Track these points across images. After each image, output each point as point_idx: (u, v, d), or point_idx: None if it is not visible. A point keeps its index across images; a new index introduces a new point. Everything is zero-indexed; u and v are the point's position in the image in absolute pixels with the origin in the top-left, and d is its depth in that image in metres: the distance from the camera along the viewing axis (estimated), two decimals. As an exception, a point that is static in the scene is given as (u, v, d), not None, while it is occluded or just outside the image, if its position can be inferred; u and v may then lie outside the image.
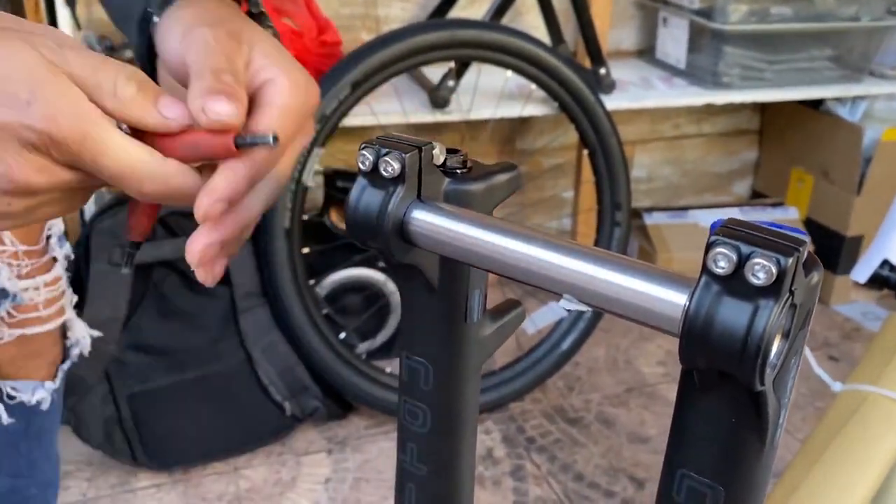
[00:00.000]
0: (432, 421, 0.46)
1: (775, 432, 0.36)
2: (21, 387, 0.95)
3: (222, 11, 0.49)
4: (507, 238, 0.37)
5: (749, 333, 0.30)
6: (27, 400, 0.95)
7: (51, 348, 0.96)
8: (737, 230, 0.31)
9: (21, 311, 0.90)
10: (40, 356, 0.95)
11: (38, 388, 0.95)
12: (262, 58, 0.46)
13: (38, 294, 0.90)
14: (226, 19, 0.47)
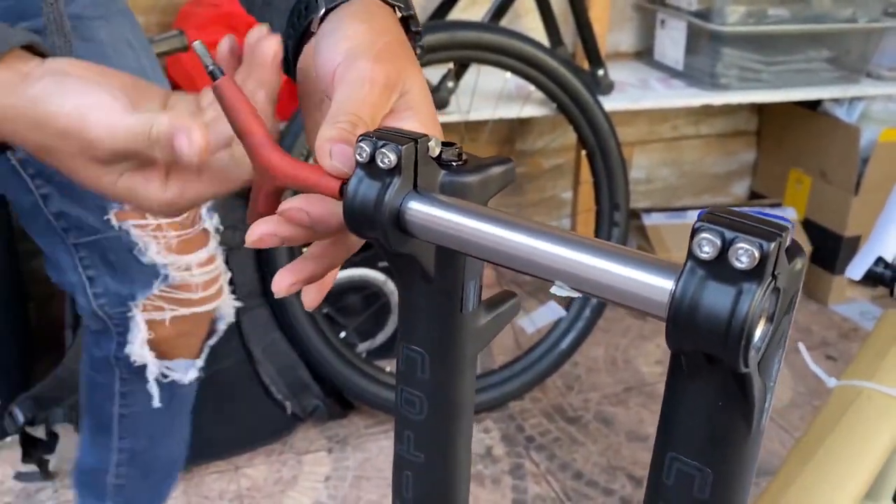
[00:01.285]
0: (429, 409, 0.47)
1: (761, 415, 0.36)
2: (175, 366, 0.96)
3: (391, 38, 0.48)
4: (500, 227, 0.38)
5: (733, 316, 0.31)
6: (179, 379, 0.97)
7: (202, 327, 0.97)
8: (721, 217, 0.32)
9: (177, 290, 0.89)
10: (194, 335, 0.96)
11: (190, 367, 0.98)
12: (409, 106, 0.47)
13: (192, 275, 0.89)
14: (392, 51, 0.47)
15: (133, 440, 1.02)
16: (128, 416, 1.00)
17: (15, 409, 1.36)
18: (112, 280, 0.88)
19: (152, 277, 0.87)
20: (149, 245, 0.85)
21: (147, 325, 0.90)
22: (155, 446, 1.05)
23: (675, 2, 1.96)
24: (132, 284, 0.88)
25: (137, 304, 0.89)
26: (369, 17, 0.49)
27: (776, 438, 1.68)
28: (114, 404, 0.99)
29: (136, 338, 0.91)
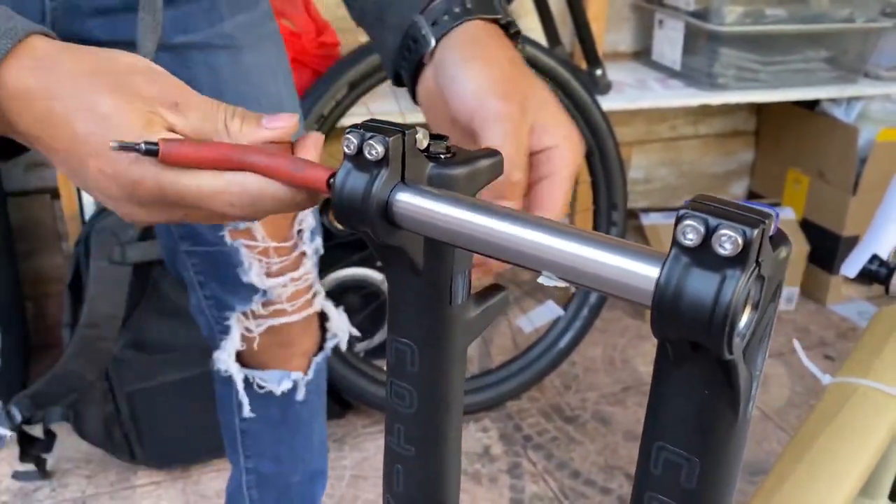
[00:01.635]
0: (419, 402, 0.47)
1: (748, 404, 0.37)
2: (268, 377, 0.97)
3: (503, 63, 0.54)
4: (487, 217, 0.38)
5: (717, 302, 0.31)
6: (274, 389, 0.97)
7: (302, 339, 0.97)
8: (705, 204, 0.32)
9: (268, 304, 0.91)
10: (291, 346, 0.96)
11: (283, 378, 0.97)
12: (545, 124, 0.50)
13: (286, 289, 0.90)
14: (509, 79, 0.52)
15: (257, 460, 1.04)
16: (248, 433, 1.03)
17: (12, 408, 1.37)
18: (219, 288, 0.91)
19: (252, 293, 0.89)
20: (252, 266, 0.87)
21: (242, 336, 0.93)
22: (283, 471, 1.05)
23: (673, 2, 1.96)
24: (234, 296, 0.90)
25: (236, 314, 0.91)
26: (479, 48, 0.54)
27: (774, 438, 1.68)
28: (234, 418, 1.02)
29: (228, 346, 0.93)
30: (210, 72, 0.78)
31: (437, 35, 0.55)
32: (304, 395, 0.99)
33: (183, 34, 0.76)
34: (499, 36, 0.56)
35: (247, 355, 0.96)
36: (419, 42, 0.56)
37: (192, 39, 0.77)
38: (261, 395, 0.98)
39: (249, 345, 0.93)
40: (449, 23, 0.55)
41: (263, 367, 0.97)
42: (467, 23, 0.55)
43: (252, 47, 0.81)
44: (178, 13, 0.76)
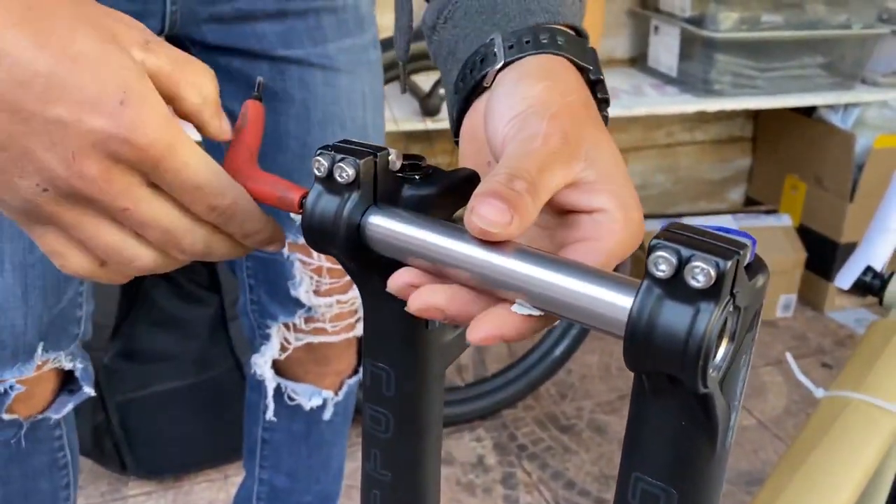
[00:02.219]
0: (395, 426, 0.46)
1: (726, 435, 0.36)
2: (300, 390, 0.98)
3: (574, 99, 0.42)
4: (460, 243, 0.37)
5: (690, 336, 0.30)
6: (304, 404, 0.98)
7: (338, 358, 0.97)
8: (678, 234, 0.31)
9: (311, 321, 0.91)
10: (327, 364, 0.97)
11: (315, 394, 0.98)
12: (599, 177, 0.39)
13: (330, 310, 0.91)
14: (574, 112, 0.41)
15: (273, 472, 1.05)
16: (269, 443, 1.03)
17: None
18: (265, 295, 0.92)
19: (297, 307, 0.90)
20: (303, 282, 0.87)
21: (280, 346, 0.94)
22: (296, 488, 1.05)
23: (669, 8, 1.96)
24: (279, 307, 0.91)
25: (277, 324, 0.92)
26: (552, 74, 0.43)
27: (770, 447, 1.67)
28: (258, 426, 1.02)
29: (266, 352, 0.94)
30: (303, 87, 0.80)
31: (510, 57, 0.44)
32: (330, 415, 1.00)
33: (284, 48, 0.78)
34: (581, 83, 0.44)
35: (282, 365, 0.97)
36: (486, 60, 0.45)
37: (292, 55, 0.79)
38: (289, 406, 0.99)
39: (285, 354, 0.94)
40: (529, 48, 0.44)
41: (297, 379, 0.98)
42: (551, 56, 0.44)
43: (349, 72, 0.82)
44: (284, 27, 0.78)
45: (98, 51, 0.38)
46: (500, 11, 0.47)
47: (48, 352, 0.75)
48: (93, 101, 0.38)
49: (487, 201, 0.35)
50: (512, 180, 0.36)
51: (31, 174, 0.39)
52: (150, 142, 0.39)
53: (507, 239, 0.36)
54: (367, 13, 0.84)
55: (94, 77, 0.38)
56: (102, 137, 0.38)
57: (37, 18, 0.38)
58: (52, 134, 0.38)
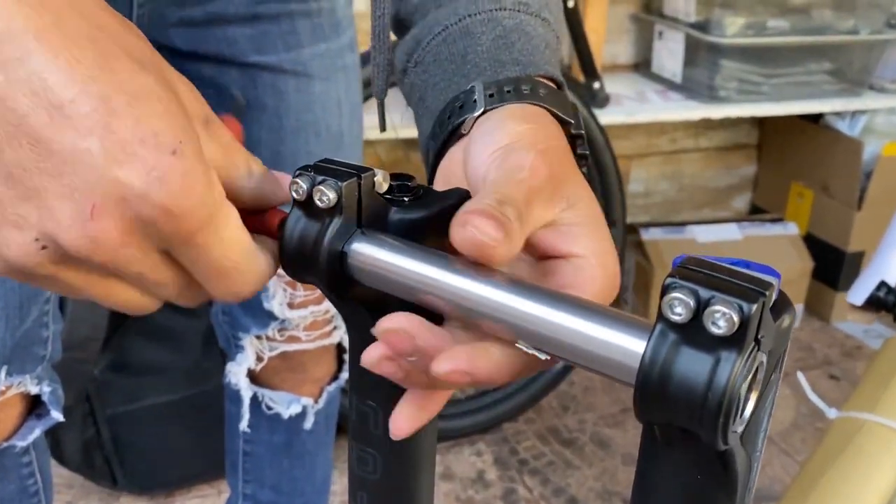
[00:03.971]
0: (384, 467, 0.43)
1: (745, 490, 0.32)
2: (278, 398, 0.96)
3: (557, 145, 0.40)
4: (453, 275, 0.34)
5: (710, 388, 0.27)
6: (282, 412, 0.96)
7: (315, 365, 0.95)
8: (695, 271, 0.28)
9: (284, 331, 0.90)
10: (304, 371, 0.95)
11: (293, 401, 0.96)
12: (576, 224, 0.37)
13: (304, 320, 0.89)
14: (558, 156, 0.39)
15: (256, 486, 1.03)
16: (251, 455, 1.01)
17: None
18: (238, 307, 0.90)
19: (270, 320, 0.88)
20: (276, 294, 0.86)
21: (255, 356, 0.92)
22: (281, 502, 1.03)
23: (674, 13, 1.92)
24: (251, 319, 0.89)
25: (250, 336, 0.90)
26: (535, 119, 0.41)
27: (777, 463, 1.63)
28: (239, 438, 1.00)
29: (242, 363, 0.92)
30: (276, 95, 0.78)
31: (490, 105, 0.42)
32: (311, 424, 0.97)
33: (257, 54, 0.76)
34: (562, 136, 0.42)
35: (258, 374, 0.94)
36: (465, 107, 0.43)
37: (264, 61, 0.76)
38: (268, 416, 0.96)
39: (261, 364, 0.92)
40: (510, 98, 0.43)
41: (274, 388, 0.96)
42: (531, 106, 0.42)
43: (323, 78, 0.80)
44: (256, 32, 0.75)
45: (161, 95, 0.32)
46: (470, 62, 0.46)
47: (12, 375, 0.71)
48: (143, 141, 0.30)
49: (479, 217, 0.32)
50: (502, 205, 0.33)
51: (32, 225, 0.31)
52: (190, 209, 0.32)
53: (497, 261, 0.33)
54: (344, 15, 0.81)
55: (153, 115, 0.31)
56: (137, 192, 0.31)
57: (97, 46, 0.31)
58: (74, 176, 0.30)
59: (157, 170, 0.31)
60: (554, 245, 0.37)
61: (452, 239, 0.33)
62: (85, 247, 0.31)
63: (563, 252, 0.37)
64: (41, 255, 0.32)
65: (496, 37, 0.46)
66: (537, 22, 0.48)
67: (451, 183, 0.42)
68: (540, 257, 0.38)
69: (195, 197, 0.32)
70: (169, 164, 0.31)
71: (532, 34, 0.47)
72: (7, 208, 0.31)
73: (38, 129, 0.30)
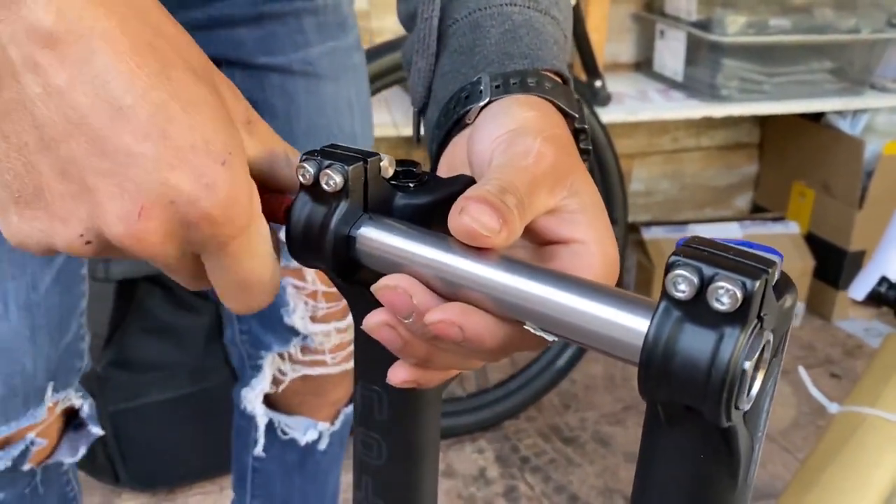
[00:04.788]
0: (388, 452, 0.43)
1: (748, 469, 0.32)
2: (294, 423, 0.93)
3: (561, 133, 0.41)
4: (459, 258, 0.34)
5: (713, 364, 0.27)
6: (298, 438, 0.93)
7: (336, 388, 0.92)
8: (699, 249, 0.28)
9: (308, 352, 0.86)
10: (324, 395, 0.92)
11: (310, 427, 0.93)
12: (578, 211, 0.38)
13: (329, 339, 0.86)
14: (563, 143, 0.40)
15: (264, 501, 1.00)
16: (260, 472, 0.99)
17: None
18: (257, 324, 0.87)
19: (292, 335, 0.85)
20: (297, 308, 0.83)
21: (273, 378, 0.89)
22: None
23: (675, 12, 1.93)
24: (272, 335, 0.86)
25: (271, 355, 0.87)
26: (539, 108, 0.42)
27: (779, 461, 1.63)
28: (248, 454, 0.98)
29: (257, 386, 0.89)
30: (286, 97, 0.75)
31: (496, 96, 0.43)
32: (326, 445, 0.95)
33: (264, 55, 0.73)
34: (566, 128, 0.43)
35: (274, 396, 0.91)
36: (471, 97, 0.44)
37: (272, 62, 0.74)
38: (283, 440, 0.94)
39: (279, 387, 0.89)
40: (516, 89, 0.43)
41: (291, 411, 0.93)
42: (536, 98, 0.43)
43: (333, 78, 0.77)
44: (263, 32, 0.72)
45: (213, 104, 0.33)
46: (478, 54, 0.46)
47: (58, 392, 0.71)
48: (195, 148, 0.32)
49: (478, 205, 0.33)
50: (503, 193, 0.34)
51: (80, 221, 0.32)
52: (232, 218, 0.33)
53: (494, 247, 0.34)
54: (348, 14, 0.80)
55: (206, 124, 0.32)
56: (186, 198, 0.32)
57: (157, 53, 0.32)
58: (126, 177, 0.31)
59: (206, 177, 0.32)
60: (555, 231, 0.37)
61: (450, 225, 0.33)
62: (128, 243, 0.32)
63: (563, 238, 0.37)
64: (84, 248, 0.33)
65: (505, 31, 0.46)
66: (546, 19, 0.48)
67: (454, 171, 0.43)
68: (540, 243, 0.38)
69: (238, 206, 0.33)
70: (217, 172, 0.32)
71: (540, 30, 0.47)
72: (57, 202, 0.32)
73: (97, 129, 0.31)
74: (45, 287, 0.67)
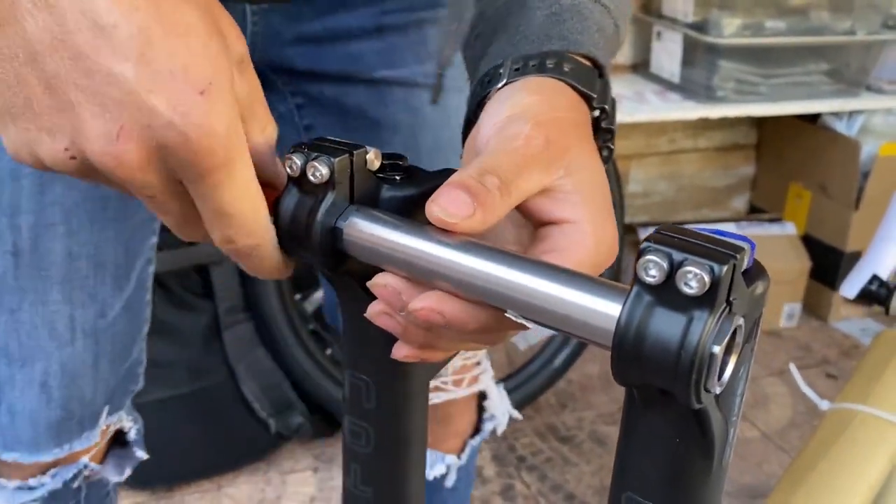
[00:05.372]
0: (376, 440, 0.44)
1: (723, 452, 0.33)
2: None
3: (565, 116, 0.41)
4: (439, 248, 0.35)
5: (682, 346, 0.28)
6: (426, 473, 0.88)
7: (461, 416, 0.88)
8: (670, 236, 0.29)
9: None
10: (449, 424, 0.87)
11: (438, 460, 0.88)
12: (574, 188, 0.38)
13: (453, 364, 0.82)
14: (561, 126, 0.40)
15: None
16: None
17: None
18: None
19: None
20: None
21: None
22: None
23: (672, 14, 1.94)
24: None
25: None
26: (545, 90, 0.42)
27: (774, 460, 1.64)
28: None
29: None
30: (410, 112, 0.71)
31: (513, 78, 0.43)
32: (454, 482, 0.89)
33: (387, 69, 0.70)
34: (581, 110, 0.43)
35: None
36: (493, 79, 0.44)
37: (394, 75, 0.70)
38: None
39: None
40: (532, 71, 0.43)
41: None
42: (552, 80, 0.43)
43: (457, 89, 0.73)
44: (383, 45, 0.69)
45: (202, 32, 0.33)
46: (520, 33, 0.47)
47: (111, 415, 0.71)
48: (173, 74, 0.32)
49: (451, 192, 0.34)
50: (483, 175, 0.35)
51: (64, 135, 0.33)
52: (209, 148, 0.33)
53: (468, 232, 0.35)
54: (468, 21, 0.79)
55: (188, 51, 0.32)
56: (161, 122, 0.32)
57: None
58: (108, 97, 0.32)
59: (182, 105, 0.32)
60: (547, 211, 0.38)
61: (427, 209, 0.35)
62: (108, 164, 0.33)
63: (554, 218, 0.37)
64: (69, 163, 0.34)
65: (551, 13, 0.47)
66: (596, 7, 0.48)
67: (471, 151, 0.43)
68: (536, 224, 0.39)
69: (215, 137, 0.33)
70: (194, 101, 0.32)
71: (587, 16, 0.47)
72: (45, 115, 0.33)
73: (80, 46, 0.31)
74: (113, 315, 0.67)
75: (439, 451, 0.88)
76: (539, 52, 0.44)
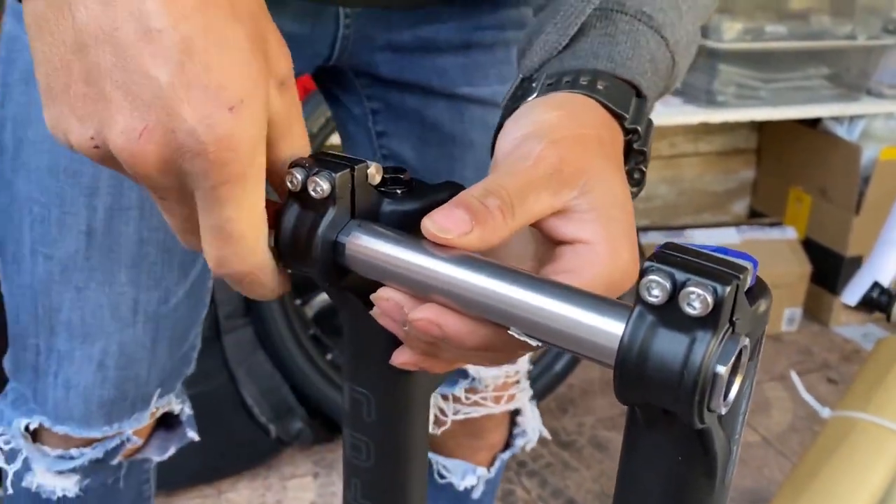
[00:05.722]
0: (376, 455, 0.44)
1: (725, 470, 0.33)
2: (452, 467, 0.89)
3: (587, 133, 0.40)
4: (440, 263, 0.35)
5: (685, 367, 0.28)
6: (456, 483, 0.89)
7: (494, 430, 0.89)
8: (673, 255, 0.29)
9: (472, 393, 0.83)
10: (482, 437, 0.88)
11: (469, 471, 0.88)
12: (590, 209, 0.37)
13: (497, 378, 0.82)
14: (582, 143, 0.39)
15: None
16: None
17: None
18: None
19: (460, 377, 0.82)
20: None
21: (435, 419, 0.85)
22: None
23: (672, 18, 1.93)
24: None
25: (436, 395, 0.84)
26: (568, 106, 0.41)
27: (775, 465, 1.64)
28: None
29: None
30: (486, 131, 0.69)
31: (544, 93, 0.42)
32: (480, 494, 0.90)
33: (467, 85, 0.70)
34: (609, 128, 0.42)
35: (431, 437, 0.89)
36: (526, 93, 0.44)
37: (475, 93, 0.70)
38: (438, 484, 0.90)
39: (439, 428, 0.85)
40: (565, 87, 0.42)
41: (448, 454, 0.89)
42: (581, 96, 0.42)
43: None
44: (468, 61, 0.69)
45: (247, 48, 0.34)
46: (571, 48, 0.45)
47: (162, 397, 0.72)
48: (206, 87, 0.32)
49: (450, 209, 0.35)
50: (486, 196, 0.35)
51: (92, 124, 0.34)
52: (225, 161, 0.33)
53: (465, 248, 0.35)
54: None
55: (226, 67, 0.33)
56: (185, 128, 0.33)
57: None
58: (139, 96, 0.33)
59: (209, 118, 0.33)
60: (561, 231, 0.37)
61: (422, 225, 0.35)
62: (127, 159, 0.34)
63: (567, 238, 0.37)
64: (93, 151, 0.35)
65: (606, 34, 0.45)
66: (655, 38, 0.46)
67: (495, 166, 0.42)
68: (553, 242, 0.38)
69: (233, 153, 0.33)
70: (221, 116, 0.33)
71: (641, 44, 0.46)
72: (79, 102, 0.34)
73: (124, 43, 0.32)
74: (175, 301, 0.68)
75: (471, 463, 0.89)
76: (575, 69, 0.44)
